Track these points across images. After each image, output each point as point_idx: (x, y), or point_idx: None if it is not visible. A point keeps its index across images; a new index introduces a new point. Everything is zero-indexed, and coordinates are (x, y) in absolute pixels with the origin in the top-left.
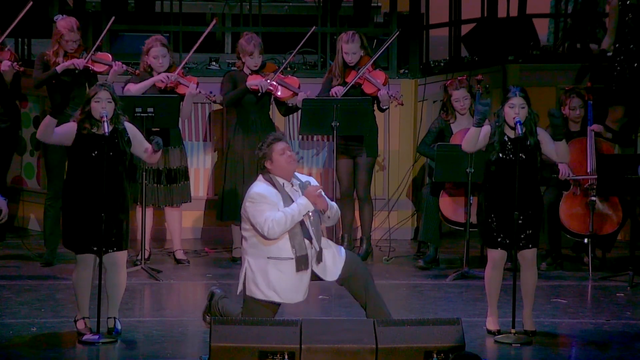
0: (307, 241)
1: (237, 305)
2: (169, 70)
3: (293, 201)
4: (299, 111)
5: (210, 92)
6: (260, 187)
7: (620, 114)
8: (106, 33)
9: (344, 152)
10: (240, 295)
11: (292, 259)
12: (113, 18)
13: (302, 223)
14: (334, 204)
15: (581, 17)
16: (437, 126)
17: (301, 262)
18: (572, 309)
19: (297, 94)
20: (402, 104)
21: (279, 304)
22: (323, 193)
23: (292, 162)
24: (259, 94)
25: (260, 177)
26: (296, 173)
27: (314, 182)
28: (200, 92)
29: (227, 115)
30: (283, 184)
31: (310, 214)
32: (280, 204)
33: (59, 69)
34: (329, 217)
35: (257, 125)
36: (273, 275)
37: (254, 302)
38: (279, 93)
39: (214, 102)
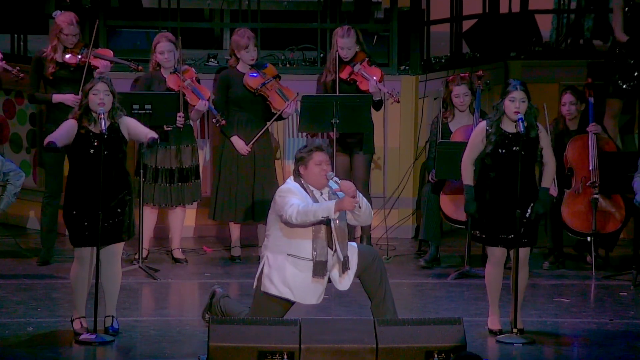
0: (329, 249)
1: (238, 305)
2: (181, 71)
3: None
4: (299, 109)
5: (221, 115)
6: (290, 184)
7: (617, 108)
8: (100, 30)
9: (340, 149)
10: (251, 292)
11: (311, 260)
12: (97, 24)
13: (328, 230)
14: (365, 200)
15: (584, 13)
16: (435, 133)
17: (319, 268)
18: (575, 308)
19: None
20: (399, 102)
21: (291, 303)
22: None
23: (324, 175)
24: (255, 93)
25: (289, 180)
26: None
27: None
28: (208, 109)
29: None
30: (312, 190)
31: (337, 221)
32: (309, 202)
33: (54, 99)
34: (359, 207)
35: (252, 123)
36: (290, 273)
37: (266, 298)
38: (274, 103)
39: (223, 125)
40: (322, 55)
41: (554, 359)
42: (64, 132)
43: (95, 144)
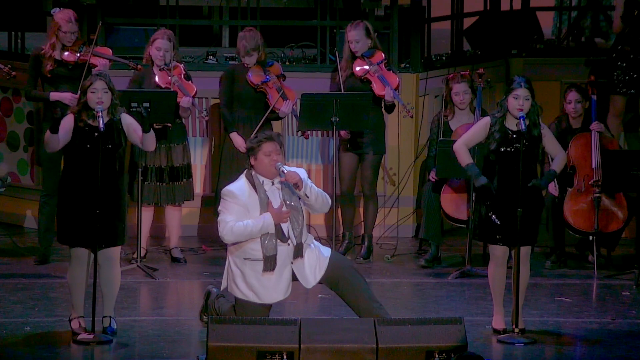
0: (280, 241)
1: (231, 305)
2: (170, 68)
3: (268, 201)
4: (299, 107)
5: (205, 111)
6: (235, 185)
7: (621, 106)
8: (101, 27)
9: (349, 148)
10: (225, 291)
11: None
12: (100, 24)
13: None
14: (321, 190)
15: (586, 10)
16: (436, 132)
17: (268, 263)
18: (577, 307)
19: (281, 101)
20: (412, 117)
21: (266, 305)
22: (305, 174)
23: (274, 165)
24: (256, 89)
25: (243, 173)
26: (285, 166)
27: (303, 173)
28: (193, 105)
29: None
30: (263, 181)
31: (287, 205)
32: (253, 205)
33: (52, 97)
34: (307, 197)
35: (253, 120)
36: (250, 276)
37: (241, 302)
38: (272, 99)
39: (206, 120)
40: (321, 50)
41: (555, 358)
42: (66, 126)
43: (95, 135)
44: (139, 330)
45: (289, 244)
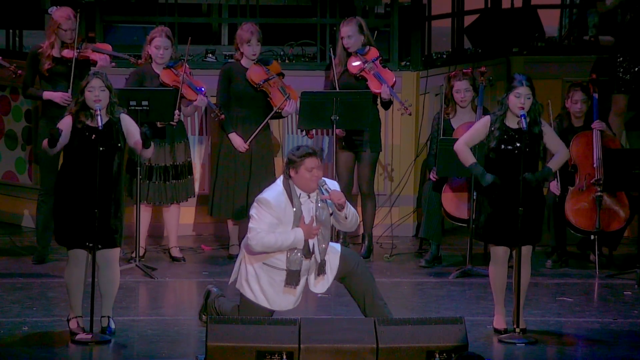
0: (304, 257)
1: (234, 304)
2: (174, 66)
3: (302, 215)
4: (299, 105)
5: (220, 109)
6: (272, 193)
7: (623, 105)
8: (97, 25)
9: (345, 146)
10: (233, 285)
11: (284, 270)
12: (94, 31)
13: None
14: (355, 210)
15: (588, 7)
16: (437, 130)
17: (291, 277)
18: (578, 307)
19: (287, 102)
20: (410, 114)
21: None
22: (338, 188)
23: (315, 181)
24: (257, 88)
25: (280, 179)
26: (327, 182)
27: (337, 188)
28: (208, 104)
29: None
30: (300, 194)
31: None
32: (287, 218)
33: (44, 95)
34: (346, 218)
35: (252, 120)
36: (265, 281)
37: (248, 302)
38: (275, 100)
39: (222, 119)
40: (321, 48)
41: (556, 359)
42: (65, 128)
43: (93, 137)
44: (138, 330)
45: (312, 259)
